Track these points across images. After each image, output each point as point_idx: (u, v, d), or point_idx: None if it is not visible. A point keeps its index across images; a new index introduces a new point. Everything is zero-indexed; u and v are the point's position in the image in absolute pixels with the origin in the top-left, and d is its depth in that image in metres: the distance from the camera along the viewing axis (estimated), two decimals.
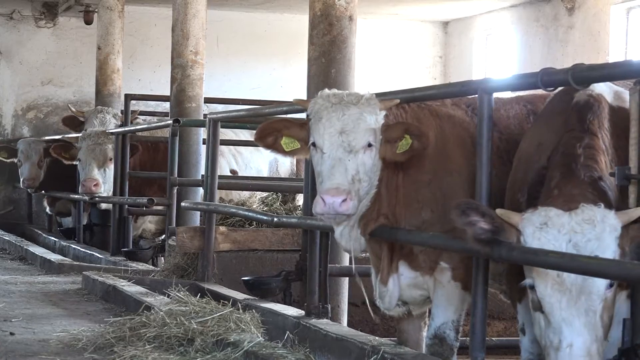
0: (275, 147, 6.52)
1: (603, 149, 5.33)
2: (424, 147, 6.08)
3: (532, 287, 4.96)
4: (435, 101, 6.70)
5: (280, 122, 6.69)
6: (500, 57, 21.20)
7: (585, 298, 4.86)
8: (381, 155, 6.13)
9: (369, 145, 6.03)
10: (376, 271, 6.77)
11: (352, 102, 6.10)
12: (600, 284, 4.89)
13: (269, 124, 6.62)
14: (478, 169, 5.69)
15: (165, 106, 14.91)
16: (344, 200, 5.83)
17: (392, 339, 7.03)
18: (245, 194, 13.68)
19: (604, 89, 5.60)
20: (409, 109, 6.45)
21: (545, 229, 4.96)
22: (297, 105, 7.09)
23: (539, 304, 4.95)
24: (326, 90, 6.29)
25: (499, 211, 5.35)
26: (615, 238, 4.91)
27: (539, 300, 4.95)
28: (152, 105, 17.23)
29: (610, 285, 4.89)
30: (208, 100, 14.05)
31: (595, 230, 4.91)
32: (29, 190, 18.44)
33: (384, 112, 6.16)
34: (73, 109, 17.25)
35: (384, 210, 6.32)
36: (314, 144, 6.11)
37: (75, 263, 13.51)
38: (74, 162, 15.45)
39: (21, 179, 17.98)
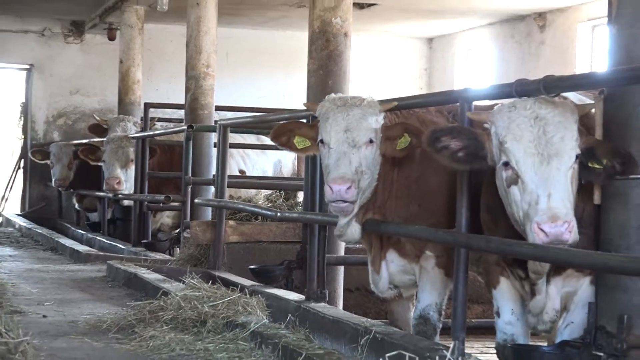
0: (288, 145, 6.61)
1: None
2: (421, 145, 6.13)
3: (506, 164, 4.98)
4: (422, 109, 6.76)
5: (292, 123, 6.79)
6: (479, 69, 21.18)
7: (555, 160, 4.87)
8: (382, 152, 6.22)
9: (371, 141, 6.12)
10: (371, 260, 6.81)
11: (356, 104, 6.20)
12: (569, 149, 4.91)
13: (283, 125, 6.72)
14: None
15: (180, 113, 14.89)
16: (349, 188, 5.90)
17: (382, 320, 7.02)
18: (252, 191, 13.68)
19: (571, 97, 5.61)
20: (400, 115, 6.50)
21: (513, 110, 5.00)
22: (301, 111, 7.14)
23: (514, 177, 4.95)
24: (332, 95, 6.39)
25: (468, 113, 5.39)
26: (575, 121, 4.95)
27: (513, 172, 4.96)
28: (168, 113, 17.21)
29: (576, 158, 4.90)
30: (218, 108, 14.04)
31: (558, 109, 4.93)
32: (59, 188, 18.46)
33: (383, 114, 6.23)
34: (97, 118, 17.26)
35: (378, 202, 6.36)
36: (322, 141, 6.21)
37: (100, 253, 13.51)
38: (99, 163, 15.49)
39: (53, 179, 18.04)
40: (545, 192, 4.80)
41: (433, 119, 6.67)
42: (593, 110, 5.56)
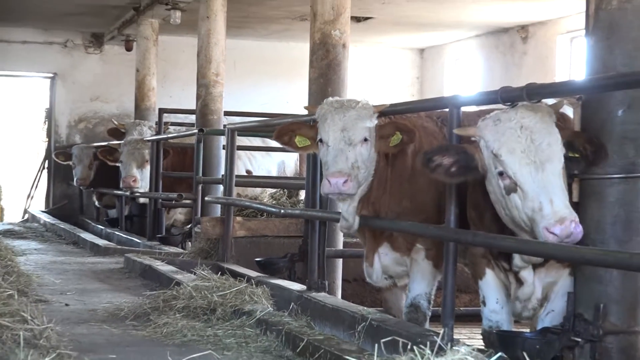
0: (290, 144, 6.65)
1: None
2: (411, 141, 6.19)
3: (502, 173, 4.96)
4: (413, 114, 6.77)
5: (294, 123, 6.81)
6: (467, 77, 21.17)
7: (548, 165, 4.87)
8: (377, 149, 6.26)
9: (365, 139, 6.16)
10: (365, 254, 6.83)
11: (351, 106, 6.25)
12: (557, 152, 4.91)
13: (285, 125, 6.76)
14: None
15: (192, 118, 14.89)
16: (346, 181, 5.96)
17: (378, 309, 7.01)
18: (257, 190, 13.69)
19: (549, 102, 5.61)
20: (394, 119, 6.51)
21: (498, 123, 4.99)
22: (300, 117, 7.15)
23: (513, 185, 4.93)
24: (330, 98, 6.44)
25: (455, 130, 5.38)
26: (554, 122, 4.96)
27: (511, 180, 4.94)
28: (181, 118, 17.20)
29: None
30: (227, 113, 14.03)
31: (538, 115, 4.94)
32: (80, 187, 18.47)
33: (376, 115, 6.26)
34: (116, 123, 17.27)
35: (372, 199, 6.38)
36: (321, 140, 6.25)
37: (118, 247, 13.51)
38: (117, 164, 15.51)
39: (75, 178, 18.07)
40: (547, 198, 4.80)
41: (423, 124, 6.69)
42: (565, 107, 5.59)
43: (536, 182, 4.85)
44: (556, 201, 4.78)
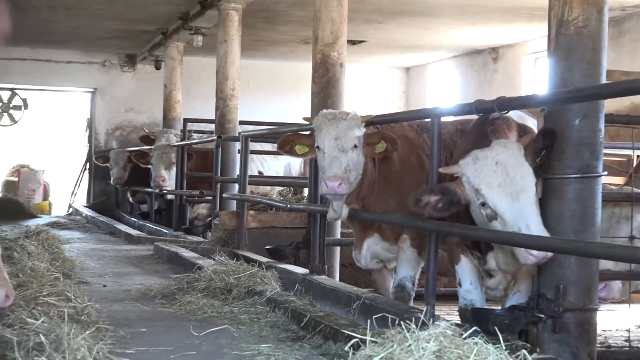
0: (291, 152, 6.70)
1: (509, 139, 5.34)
2: (394, 150, 6.21)
3: (484, 204, 4.95)
4: (397, 124, 6.79)
5: (293, 135, 6.84)
6: (446, 92, 21.16)
7: (522, 195, 4.85)
8: (364, 154, 6.27)
9: (355, 146, 6.18)
10: (354, 242, 6.85)
11: (343, 118, 6.27)
12: (529, 182, 4.89)
13: (286, 136, 6.78)
14: (430, 167, 5.71)
15: (212, 127, 14.89)
16: (340, 184, 6.03)
17: (370, 289, 7.02)
18: (267, 188, 13.69)
19: (511, 115, 5.61)
20: (381, 128, 6.52)
21: (477, 162, 4.97)
22: (305, 124, 7.17)
23: (493, 214, 4.93)
24: (324, 110, 6.44)
25: (440, 169, 5.38)
26: (523, 155, 4.93)
27: (492, 210, 4.93)
28: (202, 126, 17.19)
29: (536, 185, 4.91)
30: (241, 122, 14.02)
31: (509, 151, 4.93)
32: (117, 186, 18.50)
33: (364, 124, 6.28)
34: (146, 130, 17.30)
35: (362, 194, 6.39)
36: (317, 147, 6.27)
37: (148, 236, 13.52)
38: (148, 166, 15.54)
39: (112, 178, 18.11)
40: (524, 223, 4.79)
41: (405, 133, 6.74)
42: (529, 118, 5.58)
43: (513, 211, 4.85)
44: (532, 225, 4.77)
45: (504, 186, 4.87)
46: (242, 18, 13.45)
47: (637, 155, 6.76)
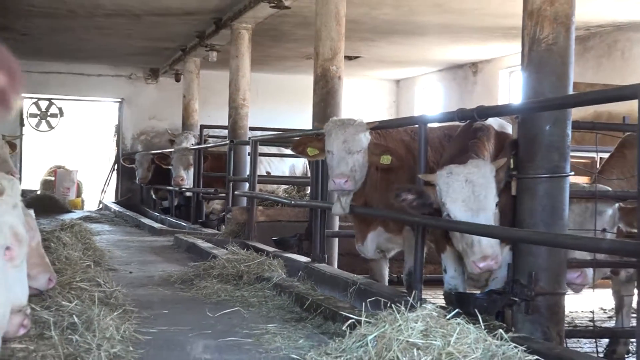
0: (303, 154, 6.71)
1: (488, 149, 5.32)
2: (399, 163, 6.19)
3: (448, 215, 4.95)
4: (394, 129, 6.77)
5: (306, 138, 6.85)
6: (432, 102, 21.15)
7: (482, 213, 4.85)
8: (369, 161, 6.22)
9: (360, 149, 6.14)
10: (357, 235, 6.80)
11: (350, 124, 6.24)
12: (491, 203, 4.88)
13: (300, 139, 6.81)
14: (418, 169, 5.69)
15: (225, 132, 14.87)
16: (346, 181, 6.03)
17: (365, 276, 6.99)
18: (274, 186, 13.68)
19: (492, 122, 5.59)
20: (382, 133, 6.50)
21: (450, 176, 4.96)
22: (307, 129, 7.16)
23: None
24: (334, 117, 6.44)
25: (420, 175, 5.38)
26: (493, 176, 4.92)
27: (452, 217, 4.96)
28: (217, 132, 17.17)
29: (496, 205, 4.89)
30: (251, 129, 14.01)
31: (481, 171, 4.91)
32: (141, 184, 18.49)
33: (369, 130, 6.25)
34: (170, 131, 17.39)
35: (365, 193, 6.35)
36: (327, 150, 6.23)
37: (169, 228, 13.51)
38: (169, 167, 15.52)
39: (137, 178, 18.08)
40: (477, 239, 4.79)
41: (402, 137, 6.70)
42: (507, 124, 5.55)
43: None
44: (484, 242, 4.76)
45: (467, 202, 4.87)
46: (252, 36, 13.45)
47: (600, 157, 6.74)
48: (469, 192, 4.87)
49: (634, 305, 6.19)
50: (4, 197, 2.76)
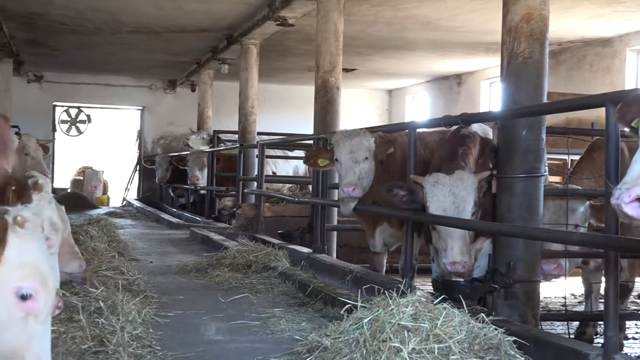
0: (315, 165, 6.59)
1: (473, 155, 5.32)
2: (401, 152, 6.14)
3: None
4: (396, 133, 6.69)
5: (316, 150, 6.78)
6: (420, 109, 21.13)
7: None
8: (376, 155, 6.13)
9: (366, 158, 6.08)
10: (367, 232, 6.72)
11: (356, 135, 6.15)
12: (468, 214, 4.90)
13: (311, 152, 6.78)
14: (408, 170, 5.68)
15: (236, 137, 14.87)
16: (354, 189, 5.98)
17: (362, 265, 6.98)
18: (279, 185, 13.68)
19: (477, 127, 5.58)
20: (383, 135, 6.43)
21: (436, 185, 4.99)
22: (309, 134, 7.11)
23: (433, 228, 5.02)
24: (342, 129, 6.40)
25: (412, 176, 5.36)
26: (474, 188, 4.94)
27: (432, 226, 5.03)
28: (228, 136, 17.16)
29: (473, 214, 4.90)
30: (259, 133, 14.00)
31: (464, 183, 4.91)
32: (160, 183, 18.48)
33: (373, 138, 6.18)
34: (191, 131, 17.44)
35: (372, 192, 6.27)
36: (336, 160, 6.15)
37: (186, 223, 13.48)
38: (185, 168, 15.52)
39: (157, 177, 18.08)
40: (450, 244, 4.84)
41: (404, 139, 6.62)
42: (489, 129, 5.54)
43: (446, 232, 4.89)
44: (455, 248, 4.81)
45: (447, 211, 4.90)
46: (260, 51, 13.43)
47: (572, 159, 6.73)
48: (450, 203, 4.91)
49: (602, 291, 6.18)
50: (42, 194, 2.78)
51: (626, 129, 2.59)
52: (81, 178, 20.99)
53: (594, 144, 6.06)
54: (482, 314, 4.05)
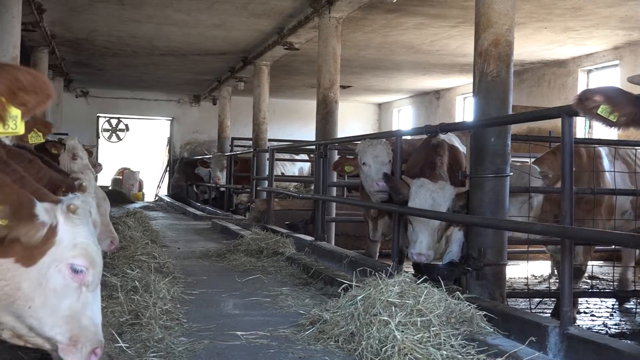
0: (342, 171, 6.45)
1: (445, 162, 5.31)
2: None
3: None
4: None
5: (342, 159, 6.57)
6: (405, 120, 21.10)
7: (432, 223, 4.90)
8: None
9: (390, 161, 5.95)
10: (370, 224, 6.68)
11: (379, 143, 6.06)
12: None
13: (337, 161, 6.58)
14: (395, 168, 5.66)
15: (250, 143, 14.86)
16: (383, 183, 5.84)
17: (356, 251, 6.95)
18: (287, 183, 13.66)
19: (445, 137, 5.54)
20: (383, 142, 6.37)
21: (421, 187, 4.98)
22: (310, 140, 7.07)
23: (410, 222, 5.00)
24: (366, 140, 6.20)
25: (402, 177, 5.35)
26: (450, 198, 4.93)
27: (409, 220, 5.01)
28: (243, 142, 17.16)
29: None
30: (270, 140, 14.00)
31: (444, 192, 4.91)
32: (187, 182, 18.46)
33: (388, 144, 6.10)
34: (206, 153, 17.32)
35: None
36: (364, 163, 6.04)
37: (208, 215, 13.46)
38: (209, 169, 15.49)
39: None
40: (420, 238, 4.87)
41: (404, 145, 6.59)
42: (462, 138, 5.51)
43: (420, 228, 4.89)
44: (423, 242, 4.84)
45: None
46: (270, 71, 13.43)
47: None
48: (428, 205, 4.91)
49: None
50: (86, 193, 2.80)
51: (589, 117, 2.45)
52: (120, 177, 21.00)
53: (552, 151, 6.05)
54: (458, 292, 4.05)
